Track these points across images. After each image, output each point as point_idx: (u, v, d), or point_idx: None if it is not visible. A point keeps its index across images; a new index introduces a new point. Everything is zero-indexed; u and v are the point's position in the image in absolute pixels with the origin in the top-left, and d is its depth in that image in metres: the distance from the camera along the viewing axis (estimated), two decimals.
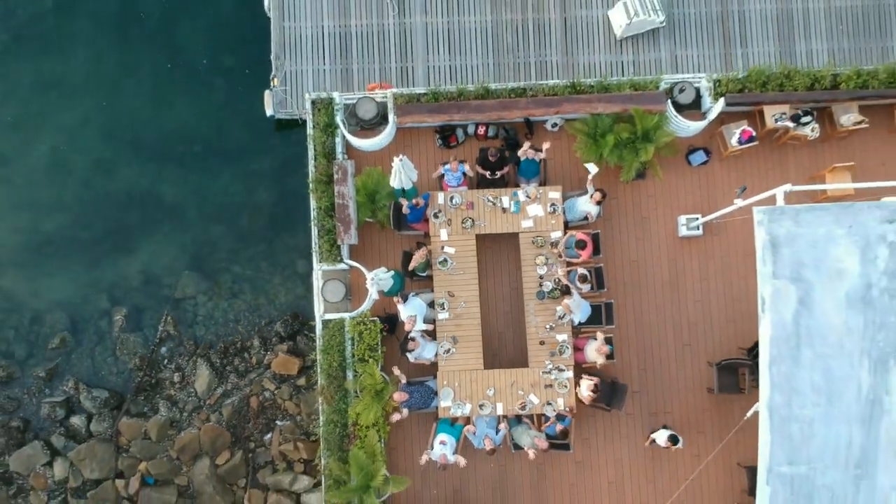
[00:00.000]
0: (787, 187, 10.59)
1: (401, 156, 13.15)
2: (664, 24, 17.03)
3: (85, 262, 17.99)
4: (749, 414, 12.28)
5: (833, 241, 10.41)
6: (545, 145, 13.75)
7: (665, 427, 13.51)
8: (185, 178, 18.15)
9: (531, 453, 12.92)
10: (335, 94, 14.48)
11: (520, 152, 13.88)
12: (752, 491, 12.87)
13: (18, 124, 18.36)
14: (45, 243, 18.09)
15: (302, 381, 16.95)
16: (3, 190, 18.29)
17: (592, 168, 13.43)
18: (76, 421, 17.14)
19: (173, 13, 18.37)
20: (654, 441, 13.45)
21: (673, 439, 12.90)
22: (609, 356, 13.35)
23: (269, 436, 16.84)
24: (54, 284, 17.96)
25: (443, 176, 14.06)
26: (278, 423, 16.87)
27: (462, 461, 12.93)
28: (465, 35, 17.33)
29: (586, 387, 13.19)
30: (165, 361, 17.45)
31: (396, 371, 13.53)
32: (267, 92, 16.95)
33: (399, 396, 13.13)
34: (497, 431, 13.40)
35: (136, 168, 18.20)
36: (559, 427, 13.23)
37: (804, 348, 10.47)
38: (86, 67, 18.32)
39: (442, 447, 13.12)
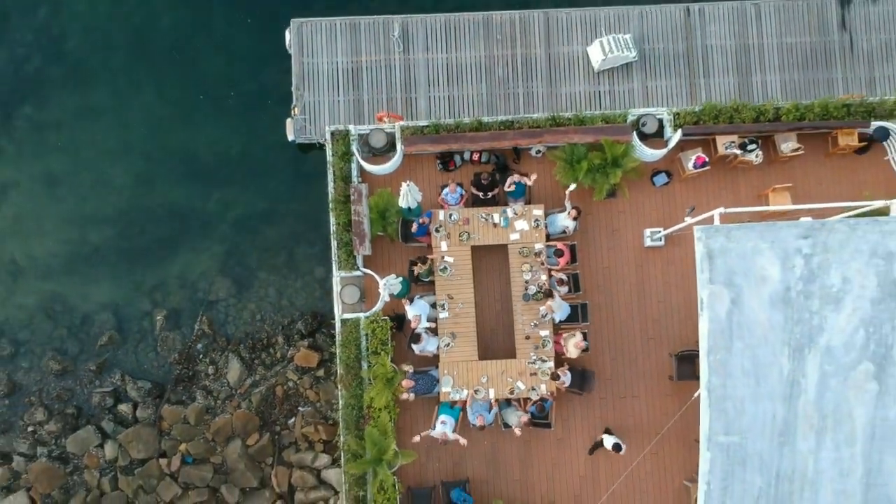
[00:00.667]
0: (721, 210, 13.07)
1: (408, 181, 15.64)
2: (636, 58, 19.51)
3: (128, 270, 20.48)
4: (695, 395, 14.69)
5: (759, 253, 12.84)
6: (532, 176, 16.19)
7: (609, 433, 15.92)
8: (216, 195, 20.63)
9: (517, 431, 15.39)
10: (351, 127, 16.94)
11: (506, 185, 16.30)
12: None
13: (68, 148, 20.84)
14: (93, 253, 20.59)
15: (321, 373, 19.44)
16: (55, 206, 20.76)
17: (571, 186, 15.88)
18: (123, 408, 19.63)
19: (204, 51, 20.84)
20: (600, 444, 15.80)
21: (616, 447, 15.27)
22: (585, 350, 15.82)
23: (292, 420, 19.34)
24: (102, 289, 20.45)
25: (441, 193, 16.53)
26: (300, 408, 19.36)
27: (463, 440, 15.37)
28: (461, 69, 19.80)
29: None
30: (201, 356, 19.94)
31: (406, 367, 15.96)
32: (288, 120, 19.46)
33: (407, 383, 15.60)
34: (489, 411, 15.87)
35: (172, 186, 20.70)
36: (539, 404, 15.70)
37: (735, 340, 12.91)
38: (128, 99, 20.81)
39: (443, 426, 15.59)
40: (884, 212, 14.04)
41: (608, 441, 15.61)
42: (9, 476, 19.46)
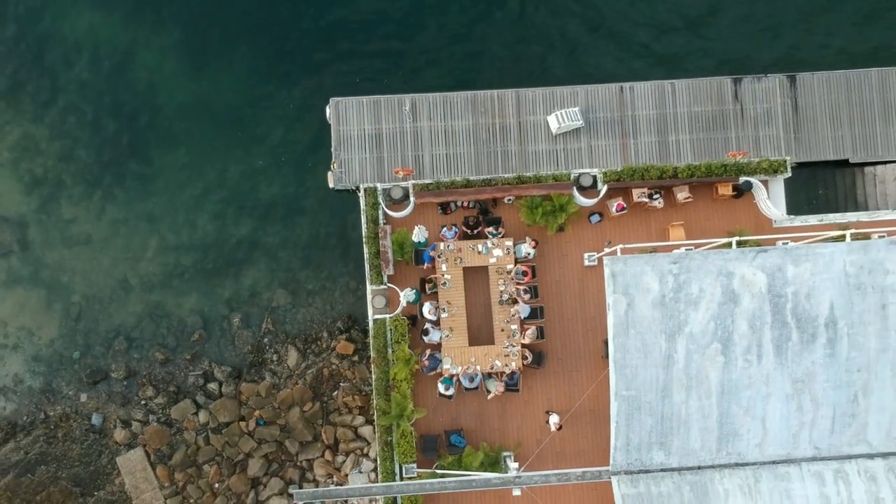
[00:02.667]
0: (621, 246, 20.34)
1: (419, 224, 22.88)
2: (583, 125, 26.56)
3: (211, 285, 27.74)
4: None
5: (644, 273, 19.96)
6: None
7: (553, 412, 22.99)
8: (274, 229, 27.88)
9: (497, 392, 22.66)
10: (378, 184, 24.16)
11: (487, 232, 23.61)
12: None
13: (163, 194, 28.06)
14: (185, 273, 27.83)
15: (356, 358, 26.71)
16: (154, 238, 28.00)
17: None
18: (212, 386, 26.89)
19: (265, 123, 28.01)
20: (548, 420, 22.99)
21: (557, 426, 22.44)
22: (539, 338, 23.05)
23: (336, 392, 26.62)
24: (192, 299, 27.70)
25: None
26: (341, 384, 26.63)
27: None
28: (455, 133, 26.88)
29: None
30: (267, 347, 27.20)
31: (424, 361, 23.16)
32: (329, 172, 26.59)
33: (424, 362, 22.83)
34: (473, 380, 23.14)
35: (242, 223, 27.94)
36: (511, 375, 22.99)
37: (630, 329, 20.03)
38: (207, 158, 28.04)
39: (445, 390, 22.84)
40: (745, 241, 21.24)
41: (553, 419, 22.78)
42: (129, 436, 26.74)
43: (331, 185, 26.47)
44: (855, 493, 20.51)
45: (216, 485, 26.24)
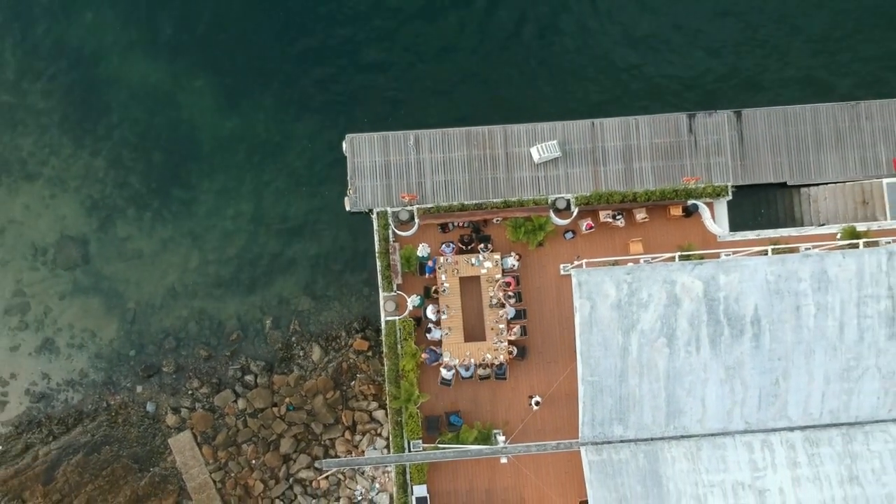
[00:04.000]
0: (585, 261, 25.23)
1: (423, 242, 27.82)
2: (560, 155, 31.40)
3: (245, 293, 32.67)
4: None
5: (604, 283, 24.83)
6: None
7: (535, 396, 27.88)
8: (298, 244, 32.79)
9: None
10: (388, 208, 29.07)
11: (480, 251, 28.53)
12: None
13: (202, 216, 32.99)
14: (222, 282, 32.76)
15: (370, 353, 31.60)
16: (196, 253, 32.92)
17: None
18: (248, 378, 31.82)
19: (290, 155, 32.96)
20: (531, 403, 27.87)
21: (537, 404, 27.35)
22: (524, 334, 27.98)
23: (353, 382, 31.51)
24: (230, 305, 32.62)
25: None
26: (358, 375, 31.53)
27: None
28: (452, 163, 31.74)
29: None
30: (294, 345, 32.12)
31: (423, 355, 28.07)
32: (346, 198, 31.44)
33: (424, 356, 27.76)
34: (468, 369, 28.07)
35: (271, 239, 32.88)
36: (499, 366, 27.94)
37: (594, 327, 24.91)
38: (241, 183, 32.97)
39: (444, 378, 27.80)
40: (692, 255, 26.12)
41: (534, 401, 27.73)
42: (178, 421, 31.65)
43: (347, 208, 31.29)
44: (777, 459, 25.35)
45: (253, 461, 31.17)
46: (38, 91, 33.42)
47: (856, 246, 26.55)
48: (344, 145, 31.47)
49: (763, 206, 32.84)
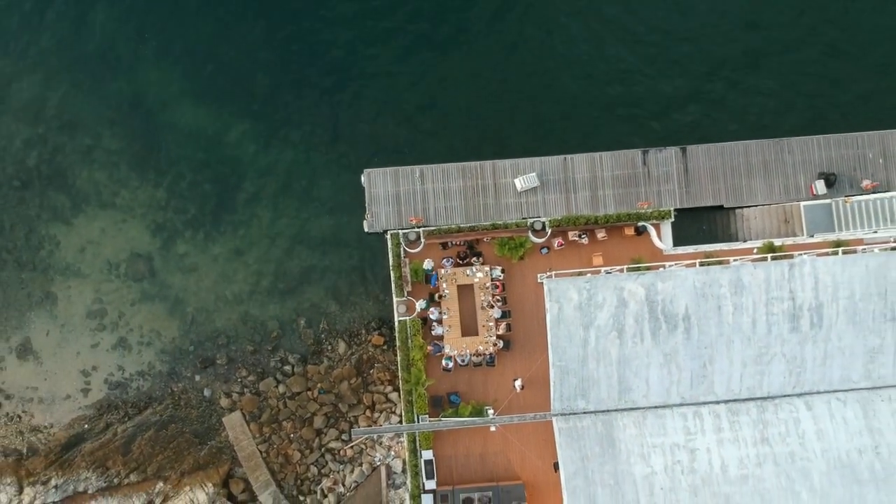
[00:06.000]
0: (553, 273, 32.54)
1: (428, 258, 35.17)
2: (539, 184, 38.62)
3: (283, 299, 39.99)
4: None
5: (568, 289, 32.08)
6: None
7: (517, 379, 35.18)
8: (326, 260, 40.10)
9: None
10: (399, 231, 36.38)
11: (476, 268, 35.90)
12: None
13: (244, 236, 40.28)
14: (263, 291, 40.07)
15: (385, 347, 38.90)
16: (242, 266, 40.24)
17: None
18: (287, 368, 39.17)
19: (318, 187, 40.28)
20: (514, 384, 35.15)
21: (521, 387, 34.63)
22: (509, 330, 35.30)
23: (372, 370, 38.82)
24: (270, 309, 39.93)
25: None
26: (376, 365, 38.83)
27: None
28: (451, 192, 38.98)
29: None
30: (324, 340, 39.44)
31: (429, 347, 35.37)
32: (364, 221, 38.70)
33: (429, 348, 35.09)
34: (464, 359, 35.41)
35: (303, 254, 40.22)
36: (489, 356, 35.28)
37: (561, 324, 32.17)
38: (277, 210, 40.25)
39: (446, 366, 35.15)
40: (640, 266, 33.39)
41: (517, 383, 35.03)
42: (230, 403, 38.97)
43: (366, 229, 38.49)
44: (706, 425, 32.55)
45: (292, 434, 38.49)
46: (111, 135, 40.73)
47: (766, 259, 33.82)
48: (362, 178, 38.67)
49: (705, 224, 40.00)
